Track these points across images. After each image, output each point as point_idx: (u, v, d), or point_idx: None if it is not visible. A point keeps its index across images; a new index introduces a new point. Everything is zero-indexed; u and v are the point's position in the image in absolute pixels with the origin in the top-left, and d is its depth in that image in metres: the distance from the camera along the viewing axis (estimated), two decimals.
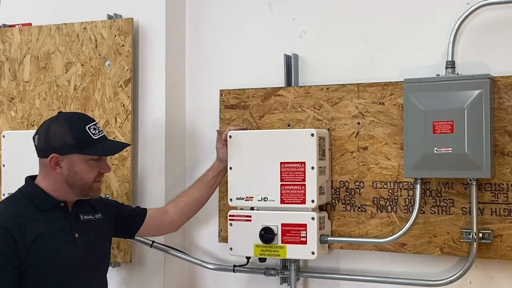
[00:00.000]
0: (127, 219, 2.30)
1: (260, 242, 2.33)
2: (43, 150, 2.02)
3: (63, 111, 2.14)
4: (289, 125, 2.47)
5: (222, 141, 2.42)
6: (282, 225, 2.32)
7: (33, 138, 2.06)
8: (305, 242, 2.29)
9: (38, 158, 2.05)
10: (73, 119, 2.05)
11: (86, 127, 2.01)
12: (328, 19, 2.52)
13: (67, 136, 1.98)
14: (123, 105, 2.62)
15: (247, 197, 2.37)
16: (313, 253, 2.29)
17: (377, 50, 2.43)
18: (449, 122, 2.10)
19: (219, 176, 2.44)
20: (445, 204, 2.24)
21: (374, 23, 2.44)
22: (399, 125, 2.29)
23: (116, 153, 2.17)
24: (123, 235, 2.39)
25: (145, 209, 2.36)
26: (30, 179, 2.09)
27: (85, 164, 2.00)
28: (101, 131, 2.06)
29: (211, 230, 2.67)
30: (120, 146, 2.16)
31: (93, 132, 2.02)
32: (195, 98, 2.75)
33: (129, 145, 2.22)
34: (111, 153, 2.13)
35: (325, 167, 2.36)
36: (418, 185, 2.22)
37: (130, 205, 2.43)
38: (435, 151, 2.12)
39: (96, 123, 2.05)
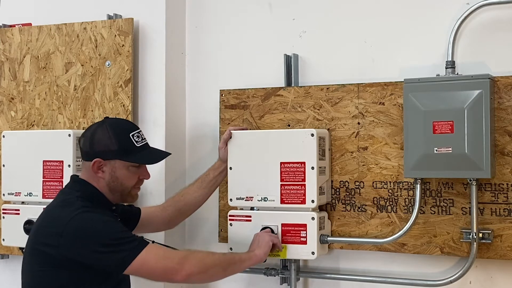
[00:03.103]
0: (126, 220, 2.29)
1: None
2: (87, 153, 2.07)
3: (109, 117, 2.21)
4: (289, 125, 2.47)
5: (225, 140, 2.42)
6: (282, 225, 2.32)
7: (79, 140, 2.14)
8: (305, 242, 2.29)
9: (82, 160, 2.13)
10: (118, 125, 2.12)
11: (130, 134, 2.07)
12: (328, 19, 2.52)
13: (111, 142, 2.04)
14: (123, 105, 2.62)
15: (247, 197, 2.37)
16: (313, 253, 2.29)
17: (377, 50, 2.43)
18: (449, 122, 2.10)
19: (220, 176, 2.44)
20: (445, 204, 2.25)
21: (374, 23, 2.44)
22: (399, 125, 2.29)
23: (158, 162, 2.18)
24: None
25: (139, 209, 2.38)
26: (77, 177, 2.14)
27: (126, 170, 2.06)
28: (144, 139, 2.12)
29: (211, 230, 2.67)
30: (162, 155, 2.20)
31: (136, 139, 2.08)
32: (195, 98, 2.75)
33: (170, 154, 2.25)
34: (153, 162, 2.16)
35: (325, 167, 2.36)
36: (418, 185, 2.22)
37: (126, 205, 2.41)
38: (435, 151, 2.12)
39: (140, 131, 2.11)
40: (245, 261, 2.13)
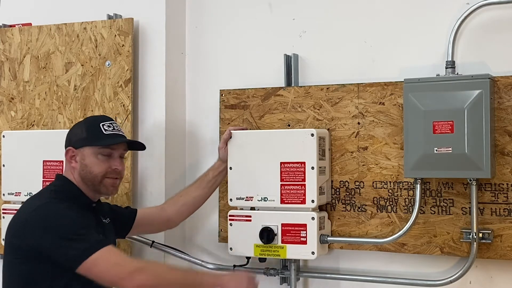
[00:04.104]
0: (120, 221, 2.29)
1: (260, 242, 2.33)
2: (65, 147, 2.12)
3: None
4: (289, 125, 2.47)
5: (225, 140, 2.42)
6: (282, 225, 2.32)
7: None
8: (305, 242, 2.29)
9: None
10: (92, 118, 2.20)
11: (100, 124, 2.10)
12: (328, 19, 2.52)
13: (81, 131, 2.10)
14: (123, 105, 2.62)
15: (247, 197, 2.37)
16: (313, 253, 2.29)
17: (377, 50, 2.43)
18: (449, 122, 2.10)
19: (219, 176, 2.44)
20: (445, 204, 2.25)
21: (374, 23, 2.44)
22: (399, 125, 2.29)
23: (117, 143, 2.10)
24: (115, 235, 2.31)
25: (135, 210, 2.36)
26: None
27: (94, 158, 2.07)
28: (118, 130, 2.13)
29: (211, 230, 2.67)
30: (124, 139, 2.14)
31: (106, 128, 2.09)
32: (195, 98, 2.75)
33: (142, 145, 2.23)
34: (113, 143, 2.10)
35: (325, 167, 2.36)
36: (418, 185, 2.22)
37: (120, 207, 2.41)
38: (435, 151, 2.12)
39: (113, 122, 2.13)
40: (207, 286, 1.94)
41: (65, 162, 2.13)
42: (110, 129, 2.10)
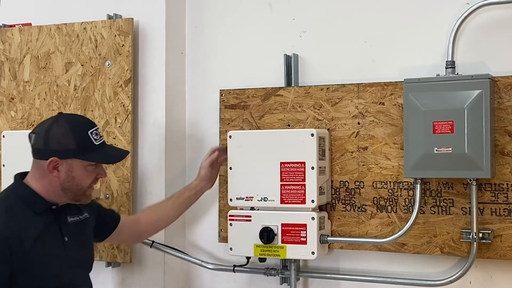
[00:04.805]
0: (104, 222, 2.25)
1: (260, 242, 2.33)
2: (41, 151, 1.96)
3: (63, 112, 2.10)
4: (289, 125, 2.47)
5: (211, 160, 2.39)
6: (282, 225, 2.32)
7: (29, 136, 2.00)
8: (305, 242, 2.29)
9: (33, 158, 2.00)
10: (76, 122, 2.00)
11: (89, 132, 1.98)
12: (328, 19, 2.52)
13: (68, 140, 1.94)
14: (123, 105, 2.62)
15: (247, 197, 2.37)
16: (313, 253, 2.29)
17: (377, 50, 2.43)
18: (449, 122, 2.10)
19: (195, 197, 2.41)
20: (445, 204, 2.25)
21: (374, 23, 2.44)
22: (399, 125, 2.29)
23: (119, 161, 2.11)
24: (95, 237, 2.25)
25: (119, 215, 2.32)
26: (20, 177, 2.03)
27: (83, 170, 1.97)
28: (102, 136, 2.03)
29: (211, 230, 2.67)
30: (121, 153, 2.12)
31: (95, 137, 1.98)
32: (195, 98, 2.75)
33: (129, 152, 2.21)
34: (114, 161, 2.10)
35: (325, 167, 2.36)
36: (418, 185, 2.22)
37: (105, 208, 2.36)
38: (435, 151, 2.12)
39: (97, 128, 2.02)
40: None
41: (41, 167, 1.96)
42: (98, 137, 2.00)
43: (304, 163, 2.29)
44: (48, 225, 1.97)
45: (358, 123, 2.37)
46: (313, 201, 2.28)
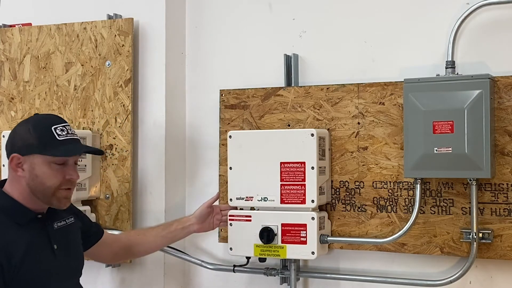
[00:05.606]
0: (87, 232, 2.15)
1: (260, 242, 2.33)
2: (8, 151, 1.89)
3: (39, 113, 2.01)
4: (289, 125, 2.47)
5: (212, 201, 2.38)
6: (282, 225, 2.32)
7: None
8: (305, 242, 2.29)
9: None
10: (41, 119, 1.91)
11: (52, 127, 1.87)
12: (328, 19, 2.52)
13: (30, 135, 1.85)
14: (123, 105, 2.62)
15: (247, 197, 2.37)
16: (313, 253, 2.29)
17: (377, 50, 2.43)
18: (449, 122, 2.10)
19: (181, 233, 2.34)
20: (445, 204, 2.25)
21: (374, 23, 2.44)
22: (399, 125, 2.29)
23: (75, 154, 1.91)
24: None
25: (103, 230, 2.24)
26: None
27: (47, 167, 1.85)
28: (72, 133, 1.90)
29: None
30: (83, 148, 1.99)
31: (59, 133, 1.86)
32: (195, 98, 2.75)
33: (100, 151, 2.09)
34: (69, 154, 1.89)
35: (325, 167, 2.36)
36: (418, 185, 2.22)
37: (89, 220, 2.27)
38: (435, 151, 2.12)
39: (66, 125, 1.90)
40: None
41: (9, 171, 1.86)
42: (64, 133, 1.87)
43: (304, 163, 2.29)
44: (35, 236, 1.87)
45: (358, 123, 2.37)
46: (313, 201, 2.28)
